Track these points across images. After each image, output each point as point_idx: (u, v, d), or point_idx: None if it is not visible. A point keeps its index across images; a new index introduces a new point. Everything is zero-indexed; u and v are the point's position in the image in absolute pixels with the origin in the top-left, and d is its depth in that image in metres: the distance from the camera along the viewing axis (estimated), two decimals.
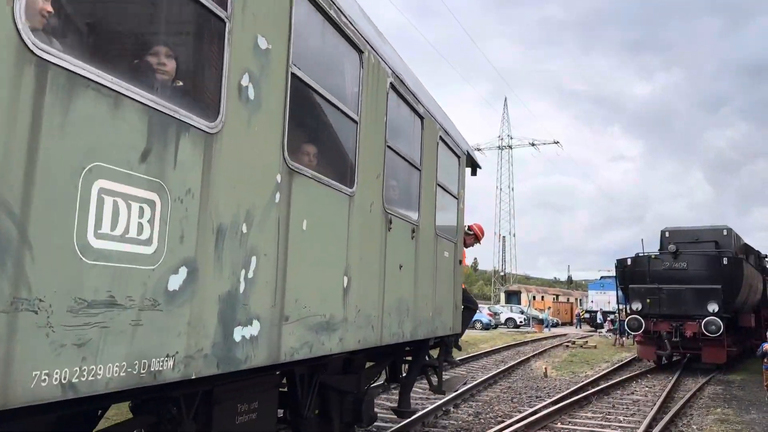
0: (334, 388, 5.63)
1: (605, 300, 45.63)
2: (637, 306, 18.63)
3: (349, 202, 4.53)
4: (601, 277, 51.64)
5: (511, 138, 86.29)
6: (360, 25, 4.66)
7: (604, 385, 14.13)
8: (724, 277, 17.71)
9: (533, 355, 21.41)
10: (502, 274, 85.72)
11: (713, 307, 17.54)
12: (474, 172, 8.94)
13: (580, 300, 64.67)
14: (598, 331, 41.33)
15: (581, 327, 47.50)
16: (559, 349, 25.16)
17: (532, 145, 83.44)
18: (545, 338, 32.50)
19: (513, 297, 61.59)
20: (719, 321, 17.28)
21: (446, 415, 10.39)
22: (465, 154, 8.30)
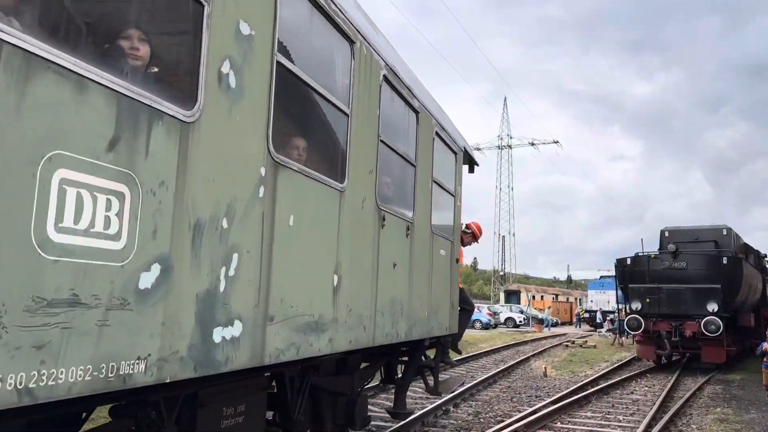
0: (325, 389, 5.47)
1: (605, 299, 45.52)
2: (636, 305, 18.55)
3: (339, 198, 4.37)
4: (601, 277, 51.57)
5: (511, 138, 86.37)
6: (351, 14, 4.49)
7: (604, 385, 14.05)
8: (724, 277, 17.63)
9: (533, 355, 21.31)
10: (502, 273, 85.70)
11: (713, 307, 17.46)
12: (471, 170, 8.79)
13: (580, 299, 64.59)
14: (598, 330, 41.16)
15: (581, 327, 47.36)
16: (559, 349, 25.06)
17: (532, 144, 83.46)
18: (545, 338, 32.41)
19: (512, 296, 61.57)
20: (719, 320, 17.21)
21: (446, 415, 10.30)
22: (462, 150, 8.14)
